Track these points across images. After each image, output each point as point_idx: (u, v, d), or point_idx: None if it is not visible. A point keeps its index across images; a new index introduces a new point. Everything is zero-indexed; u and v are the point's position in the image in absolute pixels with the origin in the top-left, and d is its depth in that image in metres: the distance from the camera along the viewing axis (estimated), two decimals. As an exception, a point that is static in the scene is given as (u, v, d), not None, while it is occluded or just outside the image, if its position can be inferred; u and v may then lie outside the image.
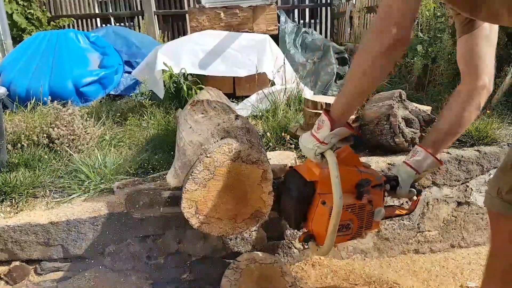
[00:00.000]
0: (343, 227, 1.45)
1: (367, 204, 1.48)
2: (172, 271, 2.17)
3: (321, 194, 1.44)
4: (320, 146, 1.40)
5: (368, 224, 1.52)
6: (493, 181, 1.26)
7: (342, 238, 1.48)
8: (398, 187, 1.63)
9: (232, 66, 3.67)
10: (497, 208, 1.22)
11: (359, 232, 1.52)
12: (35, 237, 1.99)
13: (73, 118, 2.74)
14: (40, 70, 4.27)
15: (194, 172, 1.45)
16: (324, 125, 1.39)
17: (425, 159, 1.59)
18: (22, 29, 7.26)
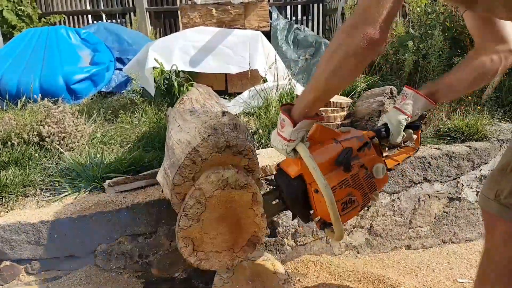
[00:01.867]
0: (347, 204, 1.41)
1: (360, 170, 1.44)
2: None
3: (311, 183, 1.41)
4: (289, 144, 1.38)
5: (371, 187, 1.48)
6: (491, 183, 1.25)
7: (351, 213, 1.45)
8: (390, 134, 1.58)
9: (224, 63, 3.66)
10: (494, 211, 1.21)
11: (366, 199, 1.47)
12: (26, 236, 1.98)
13: (63, 116, 2.71)
14: (31, 67, 4.23)
15: (186, 207, 1.44)
16: (286, 123, 1.36)
17: (416, 101, 1.55)
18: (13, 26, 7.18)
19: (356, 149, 1.46)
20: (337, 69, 1.20)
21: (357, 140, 1.48)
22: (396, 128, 1.57)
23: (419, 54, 3.68)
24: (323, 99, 1.35)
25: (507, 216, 1.18)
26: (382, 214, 2.43)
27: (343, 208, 1.39)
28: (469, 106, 3.05)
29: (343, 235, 1.41)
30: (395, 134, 1.57)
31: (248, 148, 1.52)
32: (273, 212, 1.65)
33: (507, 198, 1.17)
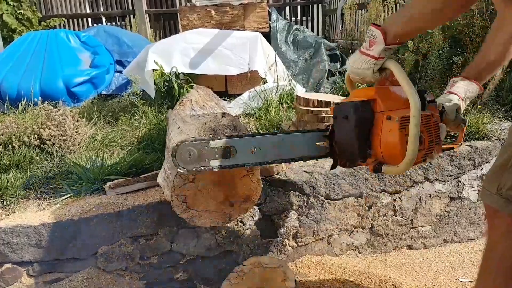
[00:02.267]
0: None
1: (431, 116, 1.40)
2: (165, 270, 2.16)
3: (383, 112, 1.34)
4: (377, 62, 1.35)
5: (437, 138, 1.43)
6: (492, 177, 1.25)
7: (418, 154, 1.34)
8: (444, 113, 1.56)
9: (223, 64, 3.67)
10: (496, 205, 1.23)
11: (431, 148, 1.41)
12: (27, 239, 1.98)
13: (64, 119, 2.72)
14: (31, 71, 4.24)
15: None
16: (377, 40, 1.33)
17: (467, 85, 1.56)
18: (13, 29, 7.20)
19: (428, 100, 1.43)
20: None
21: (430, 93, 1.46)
22: (450, 106, 1.57)
23: (419, 53, 3.68)
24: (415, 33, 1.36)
25: (509, 209, 1.19)
26: (383, 214, 2.43)
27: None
28: (469, 105, 3.04)
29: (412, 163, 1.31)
30: (449, 110, 1.57)
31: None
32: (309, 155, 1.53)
33: (509, 190, 1.18)
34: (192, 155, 1.35)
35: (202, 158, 1.35)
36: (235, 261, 2.22)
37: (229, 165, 1.39)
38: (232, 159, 1.39)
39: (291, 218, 2.25)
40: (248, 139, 1.42)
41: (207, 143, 1.34)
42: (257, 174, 1.60)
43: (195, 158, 1.34)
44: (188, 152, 1.34)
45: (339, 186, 2.29)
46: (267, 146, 1.43)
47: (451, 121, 1.59)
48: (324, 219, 2.31)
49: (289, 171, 2.25)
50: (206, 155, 1.35)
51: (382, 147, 1.36)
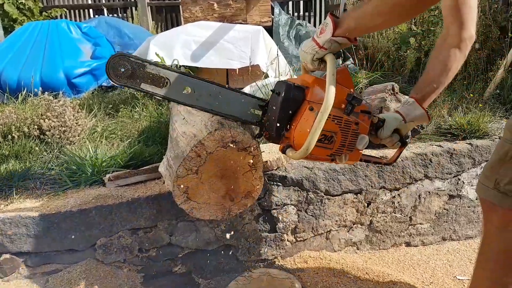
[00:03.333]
0: (326, 138, 1.40)
1: (353, 123, 1.44)
2: (164, 263, 2.16)
3: (310, 101, 1.39)
4: (319, 51, 1.38)
5: (350, 145, 1.48)
6: (490, 171, 1.27)
7: (322, 151, 1.43)
8: (381, 129, 1.57)
9: (225, 58, 3.65)
10: (493, 199, 1.24)
11: (340, 151, 1.46)
12: (26, 229, 1.98)
13: (64, 110, 2.71)
14: (32, 61, 4.22)
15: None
16: (327, 29, 1.36)
17: (415, 109, 1.55)
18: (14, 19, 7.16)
19: (361, 108, 1.46)
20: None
21: (365, 104, 1.49)
22: (388, 124, 1.57)
23: (421, 51, 3.67)
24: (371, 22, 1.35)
25: (506, 203, 1.20)
26: (382, 211, 2.43)
27: (320, 140, 1.37)
28: (470, 104, 3.04)
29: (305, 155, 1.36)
30: (386, 129, 1.56)
31: (253, 145, 1.53)
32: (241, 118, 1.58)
33: (507, 185, 1.19)
34: (125, 70, 1.37)
35: (134, 78, 1.38)
36: (234, 255, 2.22)
37: (158, 94, 1.42)
38: (163, 89, 1.42)
39: (290, 213, 2.25)
40: (186, 78, 1.44)
41: (143, 65, 1.38)
42: (259, 171, 1.60)
43: (127, 74, 1.37)
44: (122, 66, 1.36)
45: (338, 182, 2.28)
46: (202, 93, 1.45)
47: (386, 137, 1.59)
48: (323, 214, 2.31)
49: (289, 166, 2.24)
50: (139, 76, 1.38)
51: (296, 132, 1.42)
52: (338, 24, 1.35)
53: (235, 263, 2.24)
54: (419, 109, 1.55)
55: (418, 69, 3.70)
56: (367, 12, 1.31)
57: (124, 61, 1.36)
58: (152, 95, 1.45)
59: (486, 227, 1.31)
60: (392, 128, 1.57)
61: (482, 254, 1.32)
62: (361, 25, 1.34)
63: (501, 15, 3.58)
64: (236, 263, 2.24)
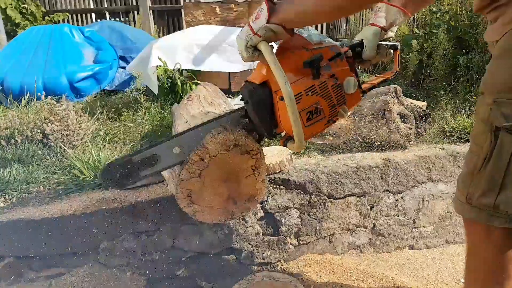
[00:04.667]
0: (312, 113, 1.35)
1: (329, 79, 1.36)
2: (167, 267, 2.16)
3: (277, 92, 1.34)
4: (253, 37, 1.27)
5: (340, 100, 1.40)
6: (462, 186, 1.22)
7: (318, 125, 1.38)
8: (364, 50, 1.49)
9: (227, 61, 3.65)
10: (468, 215, 1.21)
11: (334, 112, 1.40)
12: (29, 233, 1.98)
13: (67, 114, 2.71)
14: (34, 65, 4.24)
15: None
16: (262, 14, 1.25)
17: (388, 11, 1.45)
18: (16, 24, 7.20)
19: (328, 58, 1.38)
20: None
21: (329, 50, 1.40)
22: (369, 42, 1.48)
23: (423, 53, 3.67)
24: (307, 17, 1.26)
25: (481, 217, 1.17)
26: (386, 214, 2.42)
27: (308, 118, 1.34)
28: (473, 106, 3.04)
29: (303, 143, 1.33)
30: (369, 48, 1.48)
31: (256, 149, 1.53)
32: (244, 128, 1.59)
33: (479, 199, 1.16)
34: (120, 173, 1.44)
35: (131, 174, 1.45)
36: (237, 258, 2.22)
37: (158, 170, 1.48)
38: (159, 164, 1.47)
39: (293, 216, 2.24)
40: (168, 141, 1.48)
41: (129, 160, 1.44)
42: (262, 174, 1.60)
43: (124, 176, 1.44)
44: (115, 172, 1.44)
45: (341, 185, 2.28)
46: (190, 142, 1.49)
47: (376, 55, 1.50)
48: (326, 218, 2.31)
49: (292, 169, 2.24)
50: (133, 169, 1.45)
51: (284, 126, 1.39)
52: (274, 11, 1.25)
53: (238, 267, 2.24)
54: (392, 9, 1.44)
55: (420, 71, 3.70)
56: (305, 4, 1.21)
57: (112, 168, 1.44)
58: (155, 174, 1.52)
59: (468, 239, 1.28)
60: (375, 44, 1.48)
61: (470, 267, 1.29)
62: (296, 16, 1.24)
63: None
64: (239, 267, 2.24)
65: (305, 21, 1.31)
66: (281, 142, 1.45)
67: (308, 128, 1.35)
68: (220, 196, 1.57)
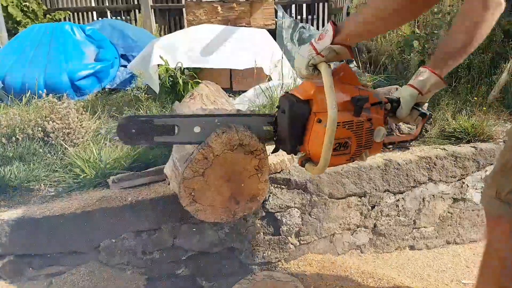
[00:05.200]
0: (341, 146, 1.40)
1: (366, 121, 1.43)
2: (167, 266, 2.16)
3: (316, 113, 1.39)
4: (315, 57, 1.35)
5: (367, 143, 1.47)
6: (491, 181, 1.24)
7: (340, 158, 1.43)
8: (399, 108, 1.55)
9: (228, 61, 3.65)
10: (496, 209, 1.22)
11: (358, 152, 1.47)
12: (30, 231, 1.98)
13: (68, 112, 2.71)
14: (35, 63, 4.23)
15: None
16: (327, 36, 1.33)
17: (429, 78, 1.49)
18: (18, 21, 7.19)
19: (371, 102, 1.45)
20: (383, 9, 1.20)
21: (373, 95, 1.48)
22: (406, 103, 1.53)
23: (424, 54, 3.67)
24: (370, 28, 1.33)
25: (509, 213, 1.18)
26: (386, 214, 2.42)
27: (335, 149, 1.38)
28: (474, 107, 3.03)
29: (325, 169, 1.39)
30: (404, 108, 1.53)
31: (260, 149, 1.53)
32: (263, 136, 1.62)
33: (509, 194, 1.17)
34: (136, 130, 1.44)
35: (146, 134, 1.45)
36: (237, 257, 2.22)
37: (171, 142, 1.50)
38: (175, 136, 1.48)
39: (294, 216, 2.24)
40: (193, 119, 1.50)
41: (150, 121, 1.44)
42: (265, 174, 1.60)
43: (139, 133, 1.44)
44: (132, 127, 1.43)
45: (342, 185, 2.28)
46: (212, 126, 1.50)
47: (406, 116, 1.55)
48: (327, 217, 2.31)
49: (293, 169, 2.24)
50: (150, 131, 1.45)
51: (310, 145, 1.43)
52: (338, 32, 1.33)
53: (238, 266, 2.24)
54: (433, 77, 1.49)
55: (421, 72, 3.69)
56: (367, 15, 1.29)
57: (132, 122, 1.43)
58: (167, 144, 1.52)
59: (489, 236, 1.28)
60: (410, 106, 1.53)
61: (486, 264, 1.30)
62: (362, 29, 1.32)
63: (504, 19, 3.57)
64: (239, 266, 2.24)
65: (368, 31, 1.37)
66: (299, 162, 1.49)
67: (332, 157, 1.38)
68: (223, 196, 1.57)
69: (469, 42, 1.43)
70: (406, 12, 1.25)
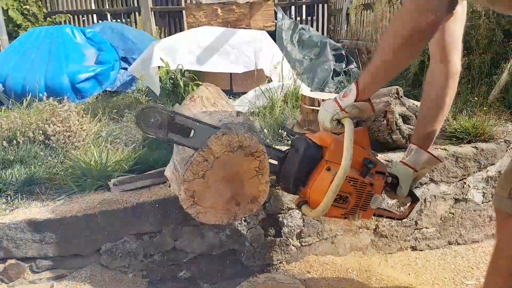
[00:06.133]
0: (341, 199, 1.46)
1: (368, 185, 1.50)
2: (169, 268, 2.16)
3: (328, 161, 1.45)
4: (340, 113, 1.43)
5: (364, 206, 1.54)
6: (504, 181, 1.27)
7: (336, 210, 1.49)
8: (399, 187, 1.64)
9: (229, 63, 3.66)
10: (507, 209, 1.24)
11: (354, 210, 1.53)
12: (31, 234, 1.98)
13: (69, 115, 2.71)
14: (36, 66, 4.24)
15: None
16: (351, 94, 1.40)
17: (420, 155, 1.60)
18: (18, 25, 7.21)
19: (376, 170, 1.53)
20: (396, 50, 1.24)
21: (380, 165, 1.55)
22: (404, 183, 1.62)
23: (424, 54, 3.66)
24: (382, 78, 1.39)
25: None
26: (388, 215, 2.42)
27: (336, 200, 1.43)
28: (475, 107, 3.03)
29: (321, 214, 1.44)
30: (404, 188, 1.63)
31: (260, 150, 1.53)
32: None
33: None
34: (155, 121, 1.46)
35: (163, 128, 1.47)
36: (239, 260, 2.21)
37: (185, 144, 1.51)
38: (189, 139, 1.50)
39: (295, 217, 2.24)
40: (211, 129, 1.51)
41: (172, 117, 1.46)
42: (266, 176, 1.60)
43: (157, 125, 1.46)
44: (153, 117, 1.45)
45: (344, 186, 2.27)
46: None
47: (403, 196, 1.65)
48: (328, 219, 2.30)
49: (294, 171, 2.24)
50: (167, 126, 1.47)
51: (312, 190, 1.49)
52: (360, 90, 1.39)
53: (240, 268, 2.23)
54: (424, 154, 1.60)
55: (421, 72, 3.70)
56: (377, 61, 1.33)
57: (154, 113, 1.46)
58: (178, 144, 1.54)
59: (500, 235, 1.30)
60: (409, 185, 1.63)
61: (495, 262, 1.31)
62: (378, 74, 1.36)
63: (504, 19, 3.57)
64: (241, 268, 2.24)
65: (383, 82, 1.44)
66: (296, 202, 1.56)
67: (330, 207, 1.43)
68: (223, 197, 1.57)
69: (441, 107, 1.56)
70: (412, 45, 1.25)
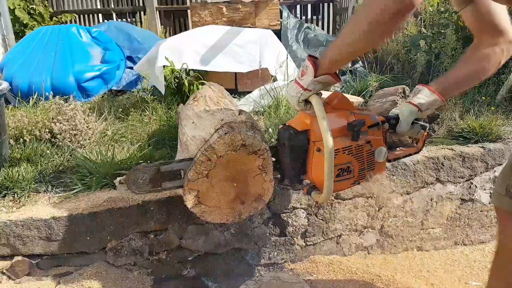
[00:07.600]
0: (343, 171, 1.44)
1: (365, 144, 1.47)
2: (173, 266, 2.16)
3: (315, 142, 1.43)
4: (304, 92, 1.40)
5: (370, 165, 1.51)
6: (501, 179, 1.26)
7: (345, 183, 1.47)
8: (398, 124, 1.60)
9: (234, 62, 3.65)
10: (506, 206, 1.22)
11: (362, 175, 1.50)
12: (37, 232, 1.99)
13: (75, 113, 2.72)
14: (42, 65, 4.25)
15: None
16: (308, 71, 1.38)
17: (428, 96, 1.56)
18: (24, 24, 7.23)
19: (367, 125, 1.49)
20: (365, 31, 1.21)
21: (370, 118, 1.52)
22: (405, 119, 1.58)
23: (431, 53, 3.64)
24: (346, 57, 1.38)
25: None
26: (394, 215, 2.41)
27: (338, 175, 1.42)
28: (482, 107, 3.01)
29: (330, 196, 1.42)
30: (404, 124, 1.59)
31: (263, 148, 1.53)
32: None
33: None
34: (143, 181, 1.49)
35: (154, 182, 1.49)
36: (244, 258, 2.21)
37: (180, 185, 1.51)
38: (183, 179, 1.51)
39: (300, 217, 2.24)
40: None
41: (157, 169, 1.49)
42: (270, 174, 1.60)
43: (146, 182, 1.49)
44: (140, 178, 1.49)
45: (349, 186, 2.27)
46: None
47: (407, 131, 1.61)
48: (334, 218, 2.30)
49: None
50: (157, 179, 1.49)
51: (313, 175, 1.48)
52: (318, 65, 1.36)
53: (244, 267, 2.23)
54: (433, 95, 1.55)
55: (428, 72, 3.68)
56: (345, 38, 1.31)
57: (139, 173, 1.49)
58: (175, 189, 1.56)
59: (501, 234, 1.29)
60: (410, 121, 1.58)
61: (497, 261, 1.30)
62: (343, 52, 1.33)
63: (512, 18, 3.55)
64: (245, 267, 2.24)
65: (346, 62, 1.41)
66: (305, 190, 1.53)
67: (336, 183, 1.41)
68: (228, 196, 1.57)
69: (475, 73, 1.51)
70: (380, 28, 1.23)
